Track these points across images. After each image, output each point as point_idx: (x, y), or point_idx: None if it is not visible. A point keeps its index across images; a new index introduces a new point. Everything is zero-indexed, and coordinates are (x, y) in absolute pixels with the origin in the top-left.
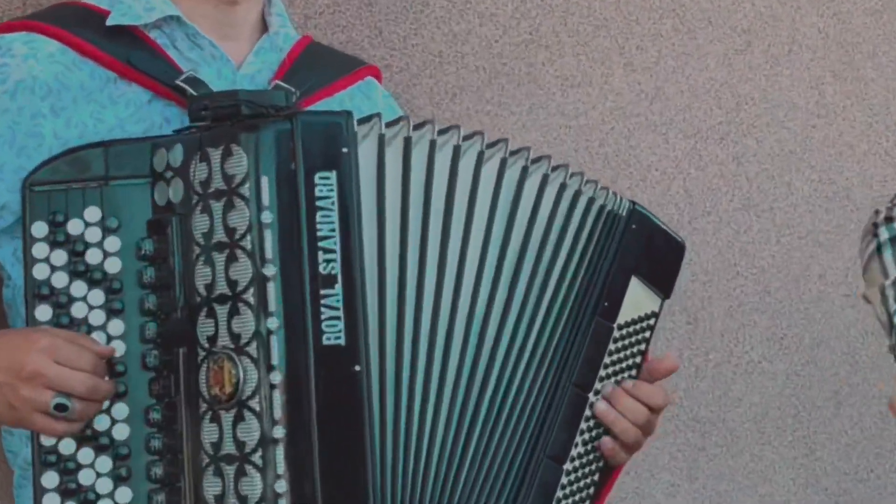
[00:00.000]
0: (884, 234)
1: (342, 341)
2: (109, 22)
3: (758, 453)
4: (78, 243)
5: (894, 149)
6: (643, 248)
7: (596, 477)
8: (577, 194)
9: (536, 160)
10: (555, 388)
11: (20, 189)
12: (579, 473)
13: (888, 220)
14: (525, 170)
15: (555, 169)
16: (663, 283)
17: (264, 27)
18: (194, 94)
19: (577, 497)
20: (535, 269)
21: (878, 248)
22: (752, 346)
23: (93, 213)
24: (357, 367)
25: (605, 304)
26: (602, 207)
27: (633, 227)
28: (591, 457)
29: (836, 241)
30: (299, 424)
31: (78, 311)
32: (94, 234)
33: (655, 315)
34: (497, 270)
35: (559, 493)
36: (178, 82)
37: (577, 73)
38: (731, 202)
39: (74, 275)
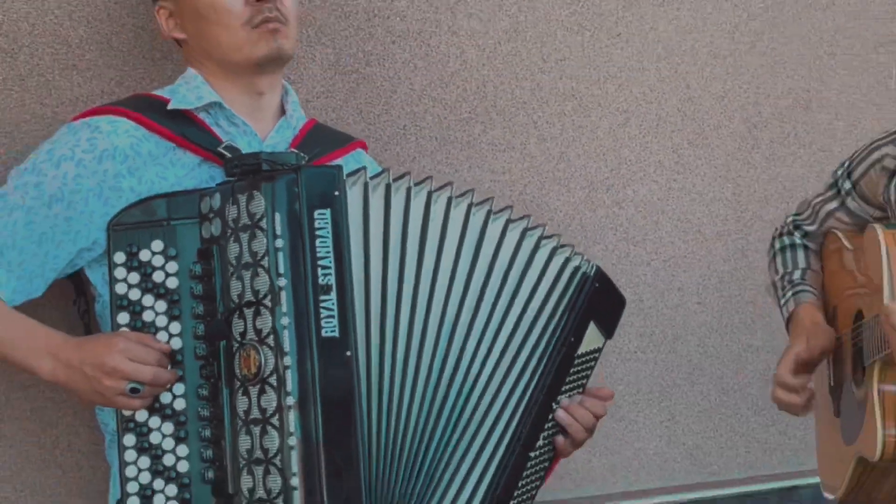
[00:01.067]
0: (777, 244)
1: (337, 334)
2: (170, 107)
3: (633, 418)
4: (147, 267)
5: (734, 196)
6: (601, 301)
7: (547, 464)
8: (554, 250)
9: (499, 210)
10: (530, 398)
11: (106, 229)
12: (538, 460)
13: (780, 235)
14: (489, 213)
15: (515, 220)
16: (610, 328)
17: (282, 111)
18: (230, 156)
19: (534, 477)
20: (497, 296)
21: (773, 254)
22: (629, 340)
23: (158, 245)
24: (348, 353)
25: (572, 339)
26: (577, 268)
27: (597, 285)
28: (547, 448)
29: (691, 264)
30: (306, 394)
31: (148, 316)
32: (159, 260)
33: (600, 350)
34: (465, 288)
35: (525, 473)
36: (219, 149)
37: (503, 141)
38: (615, 235)
39: (145, 290)
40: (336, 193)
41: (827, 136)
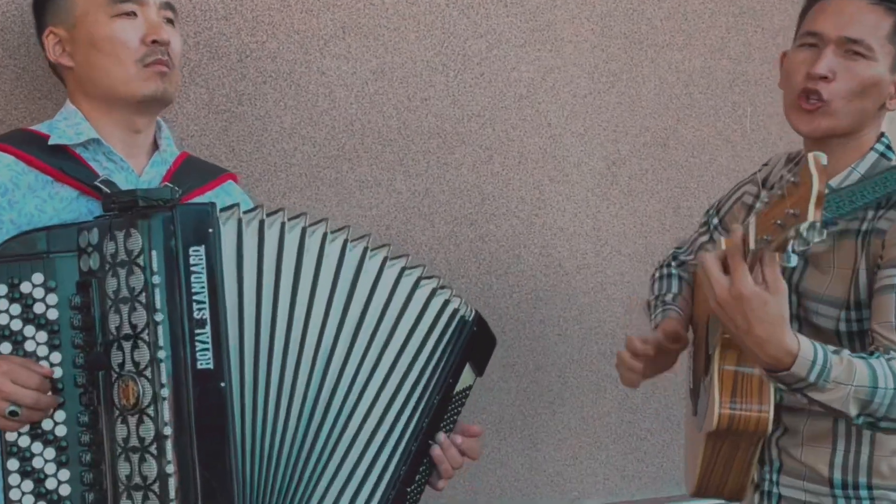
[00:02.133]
0: (657, 273)
1: (211, 366)
2: (50, 143)
3: (496, 445)
4: (28, 299)
5: (593, 231)
6: (477, 344)
7: (419, 495)
8: (433, 292)
9: (376, 247)
10: (410, 436)
11: None
12: (413, 493)
13: (661, 266)
14: (365, 249)
15: (394, 258)
16: (482, 367)
17: (156, 147)
18: (107, 191)
19: None
20: (375, 331)
21: (653, 280)
22: (492, 370)
23: (38, 278)
24: (223, 384)
25: (451, 381)
26: (456, 311)
27: (475, 329)
28: (421, 481)
29: (552, 297)
30: (182, 424)
31: (29, 346)
32: (39, 293)
33: (471, 387)
34: (341, 321)
35: None
36: (96, 183)
37: (371, 178)
38: (478, 268)
39: (26, 321)
40: (210, 230)
41: (683, 172)
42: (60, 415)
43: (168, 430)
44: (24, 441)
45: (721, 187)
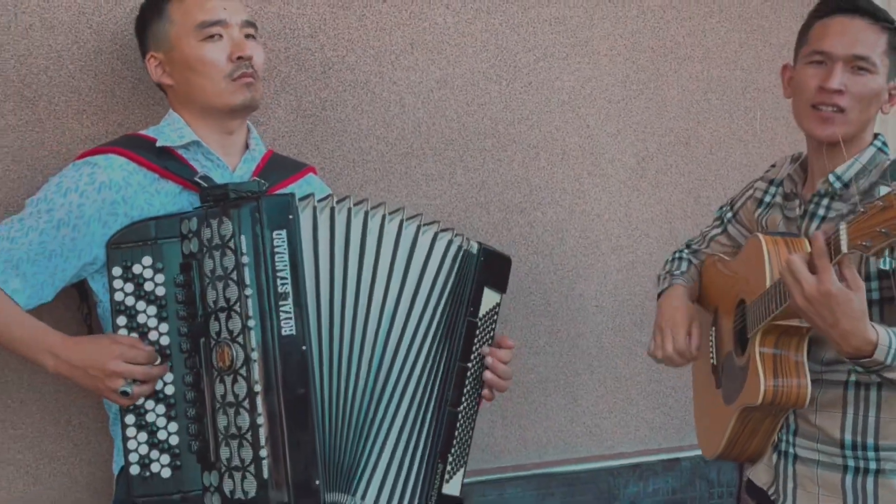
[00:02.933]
0: (670, 256)
1: (294, 332)
2: (157, 145)
3: (542, 402)
4: (140, 278)
5: (625, 217)
6: (489, 269)
7: (475, 414)
8: (449, 243)
9: (428, 223)
10: (447, 365)
11: (105, 247)
12: (466, 413)
13: (674, 252)
14: (419, 228)
15: (428, 224)
16: (502, 285)
17: (247, 147)
18: (205, 185)
19: (465, 427)
20: (418, 286)
21: (666, 262)
22: (539, 336)
23: (147, 260)
24: (304, 347)
25: (471, 308)
26: (460, 248)
27: (482, 259)
28: (471, 401)
29: (590, 274)
30: (270, 383)
31: (141, 319)
32: (149, 273)
33: (499, 305)
34: (401, 285)
35: (457, 425)
36: (195, 179)
37: (435, 172)
38: (526, 249)
39: (138, 297)
40: (290, 217)
41: (702, 167)
42: (169, 376)
43: (258, 388)
44: (140, 399)
45: (734, 179)
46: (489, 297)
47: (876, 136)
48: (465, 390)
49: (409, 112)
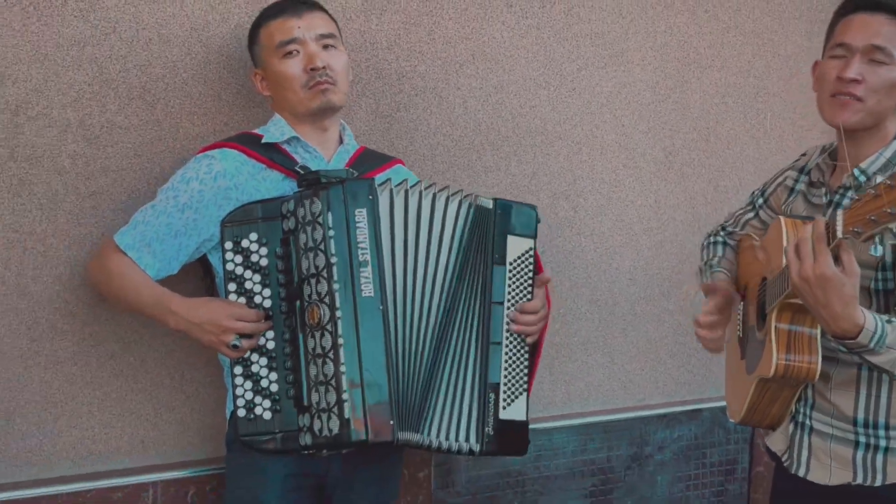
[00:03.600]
0: (706, 241)
1: (373, 294)
2: (263, 141)
3: (584, 360)
4: (247, 251)
5: (655, 203)
6: (508, 219)
7: (525, 352)
8: (470, 206)
9: (468, 195)
10: (482, 307)
11: (219, 225)
12: (512, 346)
13: (710, 235)
14: (460, 201)
15: (455, 193)
16: (528, 232)
17: (341, 142)
18: (301, 173)
19: (515, 358)
20: (451, 242)
21: (703, 246)
22: (581, 304)
23: (254, 236)
24: (381, 307)
25: (496, 255)
26: (470, 205)
27: (499, 212)
28: (514, 338)
29: (625, 251)
30: (351, 337)
31: (248, 285)
32: (255, 247)
33: (532, 248)
34: (438, 246)
35: (504, 364)
36: (296, 168)
37: (493, 164)
38: (571, 231)
39: (246, 267)
40: (370, 197)
41: (721, 160)
42: (270, 334)
43: (342, 341)
44: (246, 353)
45: (748, 171)
46: (516, 244)
47: None
48: (504, 329)
49: (470, 113)
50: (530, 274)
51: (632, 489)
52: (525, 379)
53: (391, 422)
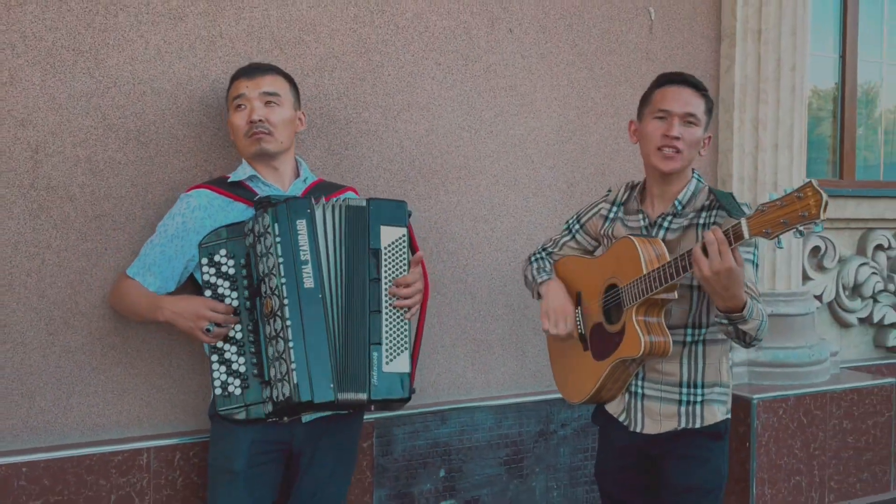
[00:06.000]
0: (533, 258)
1: (313, 286)
2: (229, 181)
3: (499, 353)
4: (219, 264)
5: (557, 224)
6: (379, 213)
7: (403, 318)
8: (348, 208)
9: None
10: (362, 282)
11: (198, 247)
12: (391, 313)
13: (534, 254)
14: (353, 207)
15: (352, 201)
16: (398, 222)
17: (297, 174)
18: (257, 198)
19: (393, 323)
20: (341, 235)
21: (530, 262)
22: (497, 307)
23: (223, 252)
24: (320, 296)
25: (370, 243)
26: (351, 206)
27: (371, 208)
28: (394, 308)
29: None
30: (297, 320)
31: (220, 290)
32: (224, 260)
33: (404, 235)
34: (345, 238)
35: (385, 328)
36: (255, 199)
37: (424, 193)
38: (489, 246)
39: (218, 276)
40: (308, 210)
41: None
42: (238, 327)
43: (289, 323)
44: (220, 344)
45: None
46: (389, 232)
47: (692, 170)
48: (385, 299)
49: (406, 152)
50: (404, 255)
51: (539, 459)
52: (405, 339)
53: (331, 385)
